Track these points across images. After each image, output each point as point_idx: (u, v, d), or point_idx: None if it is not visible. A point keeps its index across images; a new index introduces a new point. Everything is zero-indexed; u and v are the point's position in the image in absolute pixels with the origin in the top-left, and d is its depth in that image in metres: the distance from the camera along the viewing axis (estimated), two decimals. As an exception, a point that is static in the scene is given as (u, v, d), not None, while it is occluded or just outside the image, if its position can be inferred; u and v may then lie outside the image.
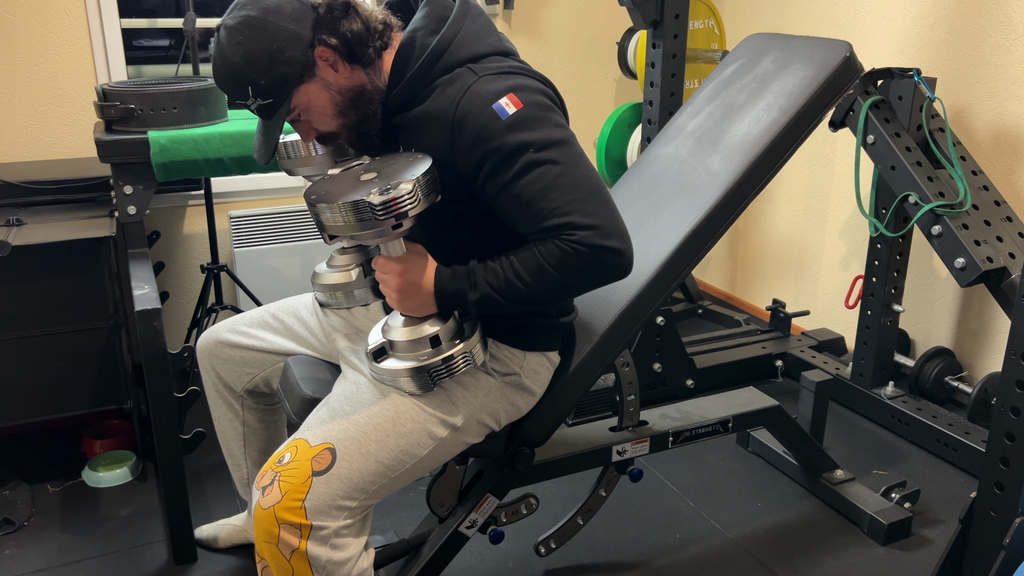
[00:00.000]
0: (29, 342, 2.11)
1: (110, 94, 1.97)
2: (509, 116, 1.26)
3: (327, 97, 1.35)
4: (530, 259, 1.29)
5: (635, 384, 1.85)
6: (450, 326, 1.38)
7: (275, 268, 2.98)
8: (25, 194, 2.27)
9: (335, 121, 1.38)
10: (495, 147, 1.26)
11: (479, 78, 1.29)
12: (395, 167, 1.32)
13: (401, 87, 1.35)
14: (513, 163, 1.26)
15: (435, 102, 1.32)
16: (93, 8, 2.59)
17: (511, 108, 1.26)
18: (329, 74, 1.34)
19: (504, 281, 1.31)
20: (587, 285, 1.33)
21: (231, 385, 1.74)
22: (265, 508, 1.29)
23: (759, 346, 2.96)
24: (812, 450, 2.19)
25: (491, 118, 1.26)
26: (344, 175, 1.35)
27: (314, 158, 1.53)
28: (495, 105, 1.26)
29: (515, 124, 1.26)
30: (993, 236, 2.16)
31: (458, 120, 1.28)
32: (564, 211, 1.25)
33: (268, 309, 1.72)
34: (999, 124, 2.47)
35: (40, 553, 2.01)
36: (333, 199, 1.26)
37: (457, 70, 1.32)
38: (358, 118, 1.38)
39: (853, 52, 1.74)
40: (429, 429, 1.40)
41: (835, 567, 1.98)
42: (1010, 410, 1.55)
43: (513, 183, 1.26)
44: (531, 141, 1.26)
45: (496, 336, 1.47)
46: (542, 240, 1.29)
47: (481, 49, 1.34)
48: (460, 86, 1.29)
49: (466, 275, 1.33)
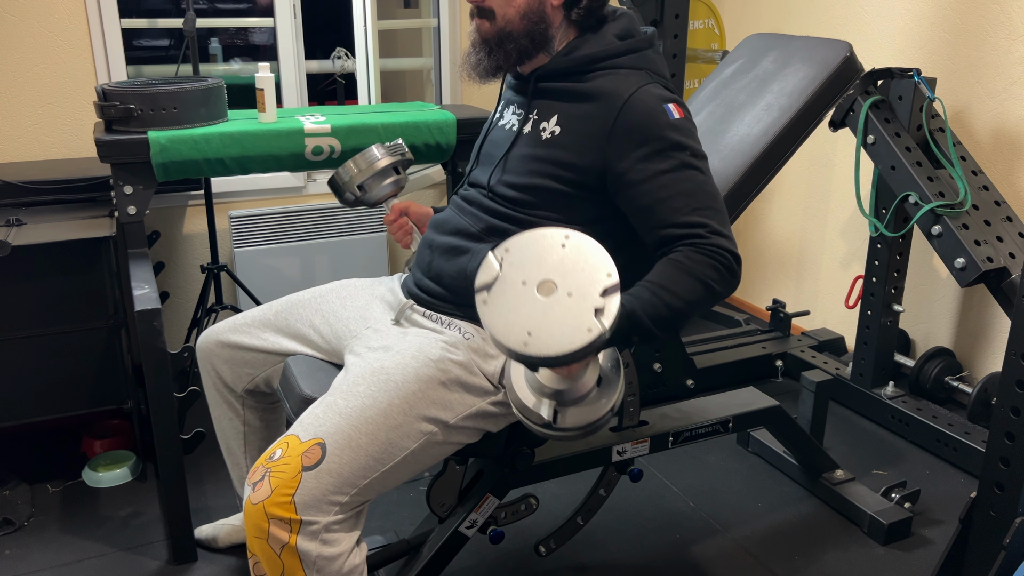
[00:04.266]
0: (29, 342, 2.11)
1: (110, 94, 1.97)
2: (675, 119, 1.39)
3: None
4: (671, 271, 1.33)
5: (635, 384, 1.85)
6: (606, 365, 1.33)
7: (275, 268, 2.98)
8: (25, 194, 2.27)
9: (510, 6, 1.44)
10: (659, 135, 1.37)
11: (654, 83, 1.43)
12: (577, 279, 1.20)
13: (572, 54, 1.46)
14: (670, 156, 1.37)
15: (605, 83, 1.42)
16: (93, 8, 2.59)
17: (676, 114, 1.40)
18: None
19: (663, 307, 1.30)
20: (716, 294, 1.35)
21: (231, 385, 1.74)
22: (255, 503, 1.30)
23: (759, 346, 2.96)
24: (812, 450, 2.19)
25: (661, 112, 1.39)
26: (512, 289, 1.21)
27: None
28: (666, 104, 1.40)
29: (678, 126, 1.39)
30: (993, 236, 2.16)
31: (631, 102, 1.39)
32: (705, 214, 1.36)
33: (269, 308, 1.72)
34: (999, 124, 2.47)
35: (40, 553, 2.01)
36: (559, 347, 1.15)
37: (633, 69, 1.45)
38: (524, 28, 1.45)
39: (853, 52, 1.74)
40: (419, 423, 1.40)
41: (835, 567, 1.98)
42: (1010, 410, 1.55)
43: (665, 174, 1.36)
44: (689, 146, 1.39)
45: None
46: (672, 246, 1.35)
47: (660, 70, 1.50)
48: (636, 80, 1.42)
49: (627, 319, 1.29)
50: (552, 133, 1.46)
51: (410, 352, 1.44)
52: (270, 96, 2.11)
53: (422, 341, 1.46)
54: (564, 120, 1.45)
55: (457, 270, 1.50)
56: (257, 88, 2.10)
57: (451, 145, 2.27)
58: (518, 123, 1.53)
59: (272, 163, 2.10)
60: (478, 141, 1.65)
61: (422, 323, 1.53)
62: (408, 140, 2.21)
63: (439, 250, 1.55)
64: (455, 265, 1.51)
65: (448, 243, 1.53)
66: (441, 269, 1.53)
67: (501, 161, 1.53)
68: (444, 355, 1.43)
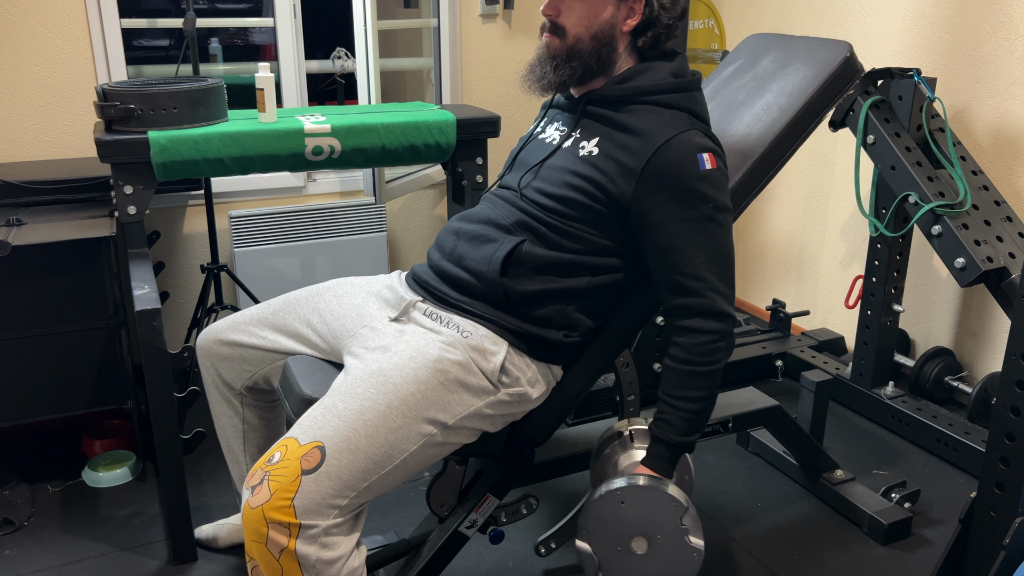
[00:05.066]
0: (29, 342, 2.11)
1: (110, 94, 1.97)
2: (706, 169, 1.44)
3: (608, 12, 1.50)
4: (684, 379, 1.46)
5: (635, 384, 1.85)
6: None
7: (275, 268, 2.98)
8: (25, 194, 2.27)
9: (583, 26, 1.50)
10: (686, 185, 1.42)
11: (695, 129, 1.47)
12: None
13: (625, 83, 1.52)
14: (693, 206, 1.43)
15: (649, 120, 1.47)
16: (93, 8, 2.59)
17: (708, 164, 1.44)
18: (623, 11, 1.51)
19: (691, 414, 1.47)
20: (723, 364, 1.47)
21: (230, 383, 1.74)
22: (254, 507, 1.29)
23: (759, 346, 2.96)
24: (812, 450, 2.19)
25: (693, 162, 1.43)
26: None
27: None
28: (700, 155, 1.44)
29: (707, 178, 1.44)
30: (993, 236, 2.16)
31: (667, 146, 1.43)
32: (713, 270, 1.44)
33: (267, 307, 1.72)
34: (999, 124, 2.47)
35: (40, 553, 2.01)
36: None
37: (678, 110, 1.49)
38: (592, 49, 1.51)
39: (853, 52, 1.74)
40: (419, 425, 1.40)
41: (835, 567, 1.98)
42: (1010, 410, 1.55)
43: (685, 222, 1.43)
44: (714, 198, 1.44)
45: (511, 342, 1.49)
46: (675, 318, 1.47)
47: (704, 114, 1.55)
48: (678, 123, 1.46)
49: (677, 449, 1.49)
50: (590, 153, 1.51)
51: (408, 353, 1.44)
52: (270, 96, 2.11)
53: (420, 341, 1.46)
54: (603, 144, 1.50)
55: (482, 256, 1.52)
56: (257, 88, 2.10)
57: (451, 145, 2.27)
58: (560, 138, 1.58)
59: (272, 163, 2.10)
60: (514, 149, 1.70)
61: (420, 321, 1.53)
62: (408, 140, 2.21)
63: (465, 236, 1.57)
64: (481, 251, 1.53)
65: (477, 230, 1.56)
66: (465, 252, 1.55)
67: (535, 168, 1.57)
68: (443, 355, 1.43)
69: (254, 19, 3.93)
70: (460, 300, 1.53)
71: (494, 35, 3.21)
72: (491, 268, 1.49)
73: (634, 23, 1.52)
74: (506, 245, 1.50)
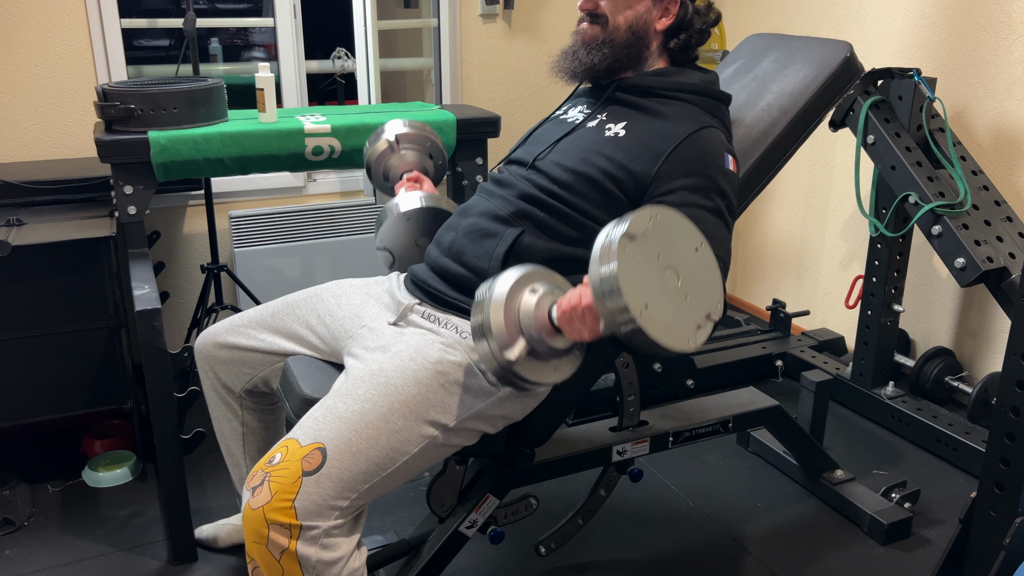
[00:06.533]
0: (29, 342, 2.11)
1: (110, 94, 1.97)
2: (729, 168, 1.50)
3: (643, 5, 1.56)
4: None
5: (635, 384, 1.85)
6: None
7: (275, 268, 2.98)
8: (25, 194, 2.27)
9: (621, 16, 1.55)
10: (710, 175, 1.47)
11: (726, 131, 1.56)
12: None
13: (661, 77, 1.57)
14: (708, 195, 1.46)
15: (682, 110, 1.53)
16: (93, 8, 2.59)
17: (731, 166, 1.51)
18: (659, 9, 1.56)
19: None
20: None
21: (229, 386, 1.74)
22: (254, 509, 1.29)
23: (759, 346, 2.96)
24: (812, 450, 2.19)
25: (720, 156, 1.49)
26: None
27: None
28: (726, 153, 1.50)
29: (728, 176, 1.49)
30: (993, 236, 2.16)
31: (698, 134, 1.49)
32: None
33: (265, 309, 1.72)
34: (999, 124, 2.47)
35: (40, 553, 2.01)
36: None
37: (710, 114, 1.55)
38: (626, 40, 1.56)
39: (853, 52, 1.74)
40: (420, 427, 1.40)
41: (835, 567, 1.98)
42: (1010, 410, 1.55)
43: (701, 209, 1.45)
44: (729, 197, 1.49)
45: None
46: None
47: (730, 128, 1.63)
48: (709, 121, 1.53)
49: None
50: (616, 134, 1.53)
51: (408, 354, 1.43)
52: (270, 96, 2.11)
53: (419, 341, 1.46)
54: (631, 127, 1.53)
55: (483, 251, 1.52)
56: (257, 88, 2.10)
57: (451, 145, 2.27)
58: (583, 118, 1.61)
59: (272, 163, 2.10)
60: (531, 127, 1.71)
61: (419, 323, 1.53)
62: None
63: (463, 231, 1.57)
64: (481, 247, 1.53)
65: (475, 224, 1.56)
66: (464, 248, 1.55)
67: (555, 143, 1.59)
68: (443, 356, 1.43)
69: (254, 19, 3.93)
70: (459, 299, 1.52)
71: (494, 35, 3.21)
72: (492, 265, 1.49)
73: (668, 23, 1.57)
74: (506, 240, 1.50)
